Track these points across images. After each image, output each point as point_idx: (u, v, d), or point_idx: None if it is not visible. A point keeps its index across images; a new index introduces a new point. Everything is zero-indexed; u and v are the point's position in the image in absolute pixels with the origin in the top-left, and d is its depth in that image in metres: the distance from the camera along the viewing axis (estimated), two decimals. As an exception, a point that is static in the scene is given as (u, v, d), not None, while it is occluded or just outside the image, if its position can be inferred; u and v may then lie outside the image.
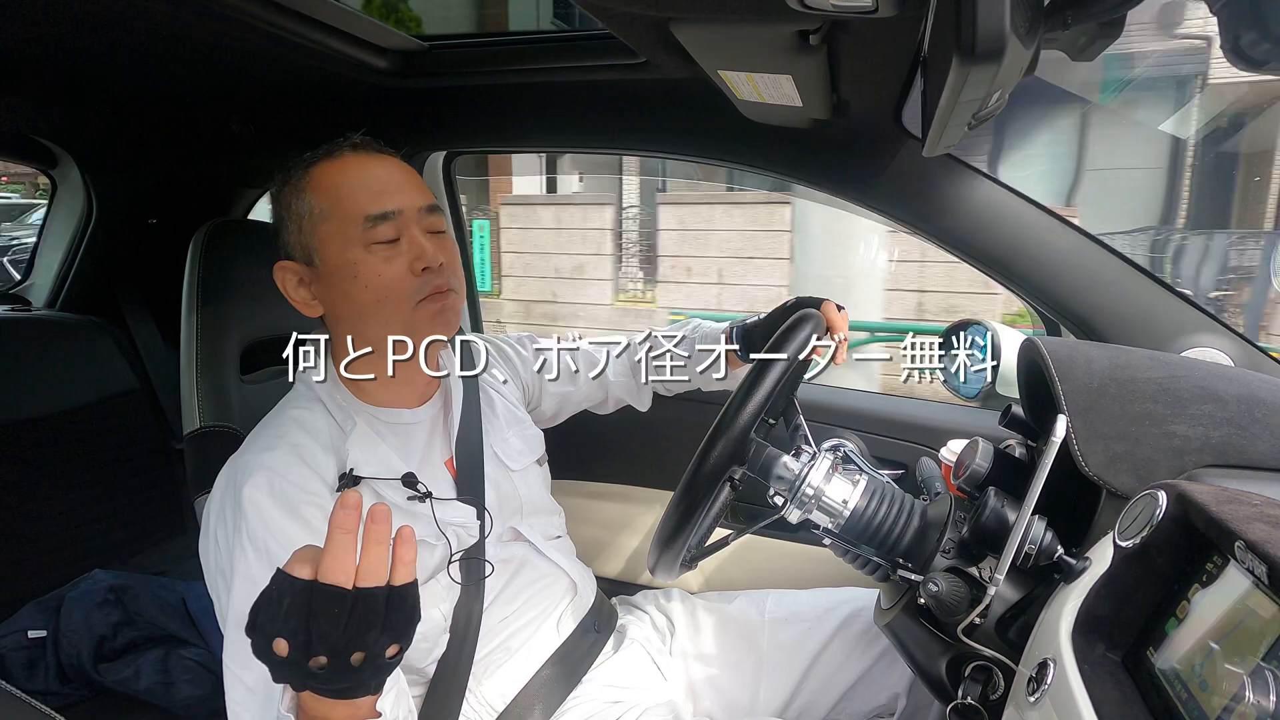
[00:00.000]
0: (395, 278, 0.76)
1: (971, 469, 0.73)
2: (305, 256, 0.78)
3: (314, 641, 0.48)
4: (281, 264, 0.79)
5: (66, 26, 0.89)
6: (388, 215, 0.76)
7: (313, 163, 0.78)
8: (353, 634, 0.49)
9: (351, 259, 0.75)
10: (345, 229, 0.75)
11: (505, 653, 0.85)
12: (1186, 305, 0.95)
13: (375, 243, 0.75)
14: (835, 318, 0.87)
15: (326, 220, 0.76)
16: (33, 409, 1.35)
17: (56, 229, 1.59)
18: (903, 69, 0.79)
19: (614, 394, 1.07)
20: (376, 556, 0.50)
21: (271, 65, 1.04)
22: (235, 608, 0.67)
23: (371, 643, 0.50)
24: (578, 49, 1.06)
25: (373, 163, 0.79)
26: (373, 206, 0.75)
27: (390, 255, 0.76)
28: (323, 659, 0.49)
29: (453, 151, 1.39)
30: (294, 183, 0.78)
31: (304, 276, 0.78)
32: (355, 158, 0.78)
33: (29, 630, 1.18)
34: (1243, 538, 0.45)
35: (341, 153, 0.78)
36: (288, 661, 0.49)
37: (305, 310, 0.80)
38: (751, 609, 1.00)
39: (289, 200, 0.78)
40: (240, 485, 0.70)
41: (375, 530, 0.50)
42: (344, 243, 0.75)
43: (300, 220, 0.77)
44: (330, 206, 0.76)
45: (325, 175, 0.77)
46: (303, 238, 0.77)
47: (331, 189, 0.76)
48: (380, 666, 0.51)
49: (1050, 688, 0.52)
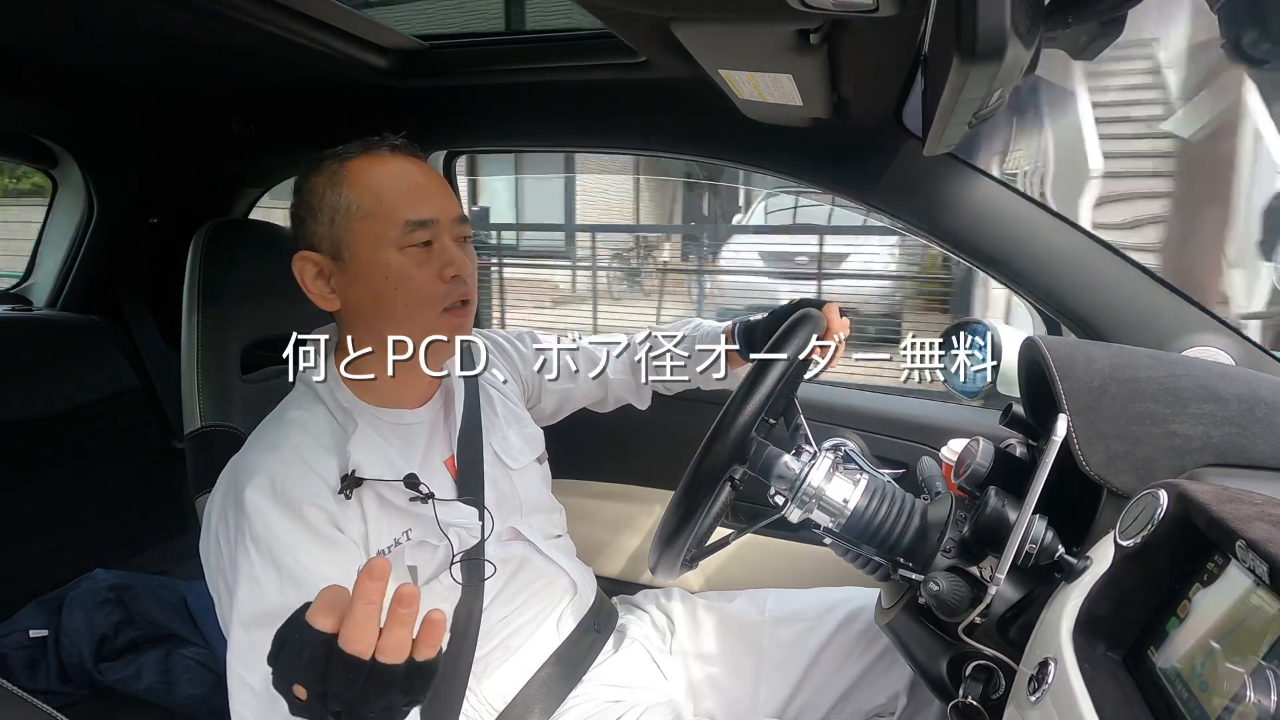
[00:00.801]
0: (425, 283, 0.77)
1: (972, 468, 0.73)
2: (333, 250, 0.77)
3: (330, 697, 0.48)
4: (303, 254, 0.79)
5: (67, 26, 0.89)
6: (427, 223, 0.77)
7: (349, 156, 0.78)
8: (367, 697, 0.49)
9: (385, 259, 0.75)
10: (383, 229, 0.75)
11: (505, 652, 0.85)
12: (1188, 304, 0.95)
13: (411, 246, 0.76)
14: (835, 319, 0.87)
15: (365, 218, 0.76)
16: (34, 409, 1.35)
17: (57, 228, 1.59)
18: (903, 68, 0.79)
19: (614, 392, 1.07)
20: (400, 637, 0.48)
21: (272, 65, 1.04)
22: (239, 610, 0.67)
23: (386, 702, 0.50)
24: (578, 48, 1.06)
25: (413, 167, 0.79)
26: (414, 212, 0.76)
27: (423, 260, 0.77)
28: (339, 709, 0.49)
29: (453, 151, 1.39)
30: (328, 174, 0.77)
31: (325, 269, 0.78)
32: (395, 159, 0.79)
33: (30, 629, 1.18)
34: (1244, 537, 0.45)
35: (381, 151, 0.79)
36: (306, 706, 0.50)
37: (321, 303, 0.80)
38: (752, 608, 1.00)
39: (321, 191, 0.77)
40: (242, 487, 0.70)
41: (401, 614, 0.48)
42: (379, 242, 0.76)
43: (334, 213, 0.76)
44: (370, 205, 0.76)
45: (365, 172, 0.77)
46: (335, 231, 0.77)
47: (372, 187, 0.76)
48: (396, 714, 0.51)
49: (1051, 687, 0.52)
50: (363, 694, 0.48)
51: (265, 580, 0.67)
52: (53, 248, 1.60)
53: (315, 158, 0.79)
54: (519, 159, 6.86)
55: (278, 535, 0.68)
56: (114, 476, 1.44)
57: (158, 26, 0.88)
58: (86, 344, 1.47)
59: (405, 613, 0.48)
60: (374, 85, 1.12)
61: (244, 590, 0.67)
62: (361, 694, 0.48)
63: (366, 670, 0.48)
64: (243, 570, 0.68)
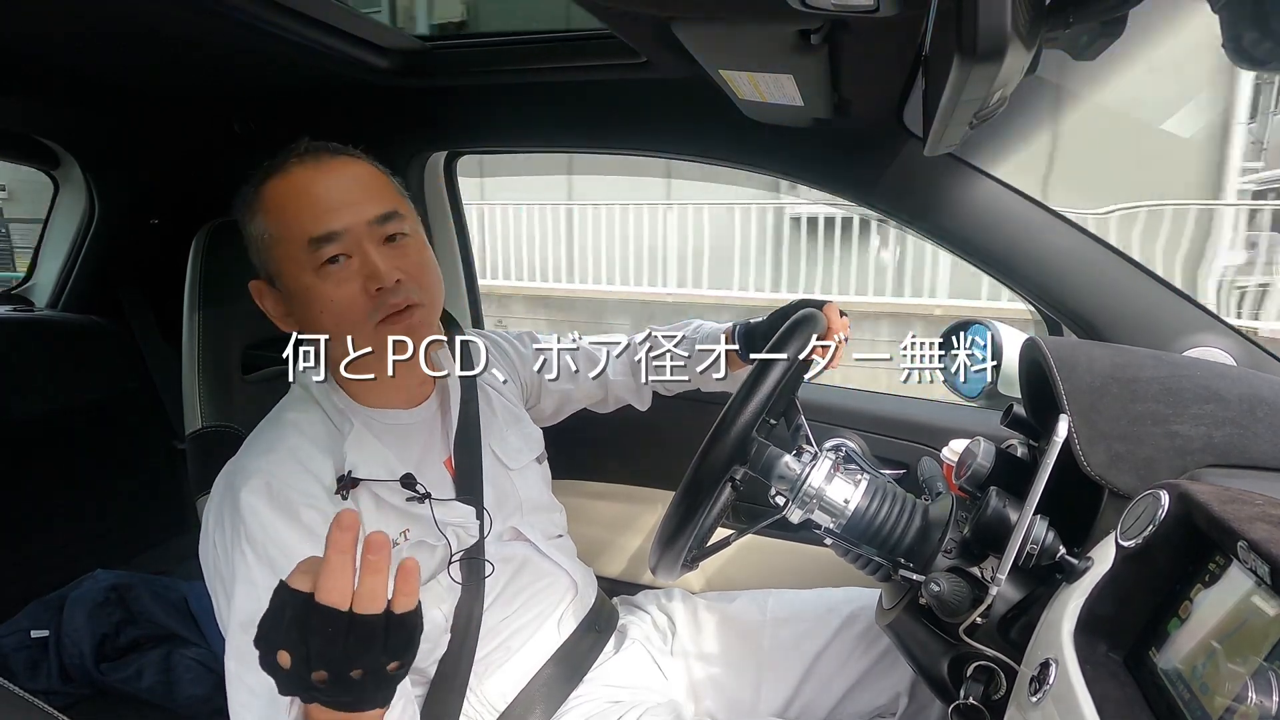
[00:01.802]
0: (348, 302, 0.72)
1: (973, 469, 0.73)
2: (269, 278, 0.77)
3: (313, 656, 0.48)
4: (255, 282, 0.78)
5: (69, 26, 0.89)
6: (332, 236, 0.72)
7: (264, 179, 0.75)
8: (351, 653, 0.49)
9: (305, 284, 0.72)
10: (294, 253, 0.72)
11: (506, 652, 0.85)
12: (1189, 305, 0.95)
13: (323, 264, 0.72)
14: (836, 320, 0.87)
15: (277, 244, 0.73)
16: (35, 409, 1.35)
17: (58, 229, 1.59)
18: (904, 68, 0.79)
19: (614, 393, 1.07)
20: (373, 585, 0.49)
21: (273, 65, 1.04)
22: (237, 612, 0.67)
23: (370, 661, 0.50)
24: (578, 49, 1.06)
25: (319, 175, 0.74)
26: (315, 228, 0.71)
27: (342, 277, 0.72)
28: (323, 673, 0.49)
29: (454, 151, 1.39)
30: (249, 203, 0.75)
31: (273, 294, 0.78)
32: (302, 172, 0.74)
33: (32, 629, 1.18)
34: (1245, 538, 0.45)
35: (289, 167, 0.74)
36: (291, 674, 0.49)
37: (281, 325, 0.79)
38: (753, 609, 1.00)
39: (245, 221, 0.76)
40: (238, 490, 0.70)
41: (371, 560, 0.49)
42: (296, 267, 0.73)
43: (255, 243, 0.75)
44: (278, 230, 0.73)
45: (273, 194, 0.74)
46: (261, 259, 0.76)
47: (278, 210, 0.73)
48: (383, 681, 0.51)
49: (1052, 688, 0.51)
50: (345, 651, 0.48)
51: (262, 582, 0.67)
52: (54, 248, 1.60)
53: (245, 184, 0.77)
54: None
55: (274, 537, 0.68)
56: (115, 477, 1.44)
57: (159, 26, 0.88)
58: (87, 344, 1.47)
59: (376, 559, 0.48)
60: (375, 85, 1.13)
61: (241, 592, 0.67)
62: (345, 651, 0.48)
63: (345, 622, 0.48)
64: (240, 573, 0.68)
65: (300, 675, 0.49)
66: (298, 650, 0.48)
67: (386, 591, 0.50)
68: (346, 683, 0.49)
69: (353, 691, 0.50)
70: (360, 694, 0.51)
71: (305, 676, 0.49)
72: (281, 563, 0.67)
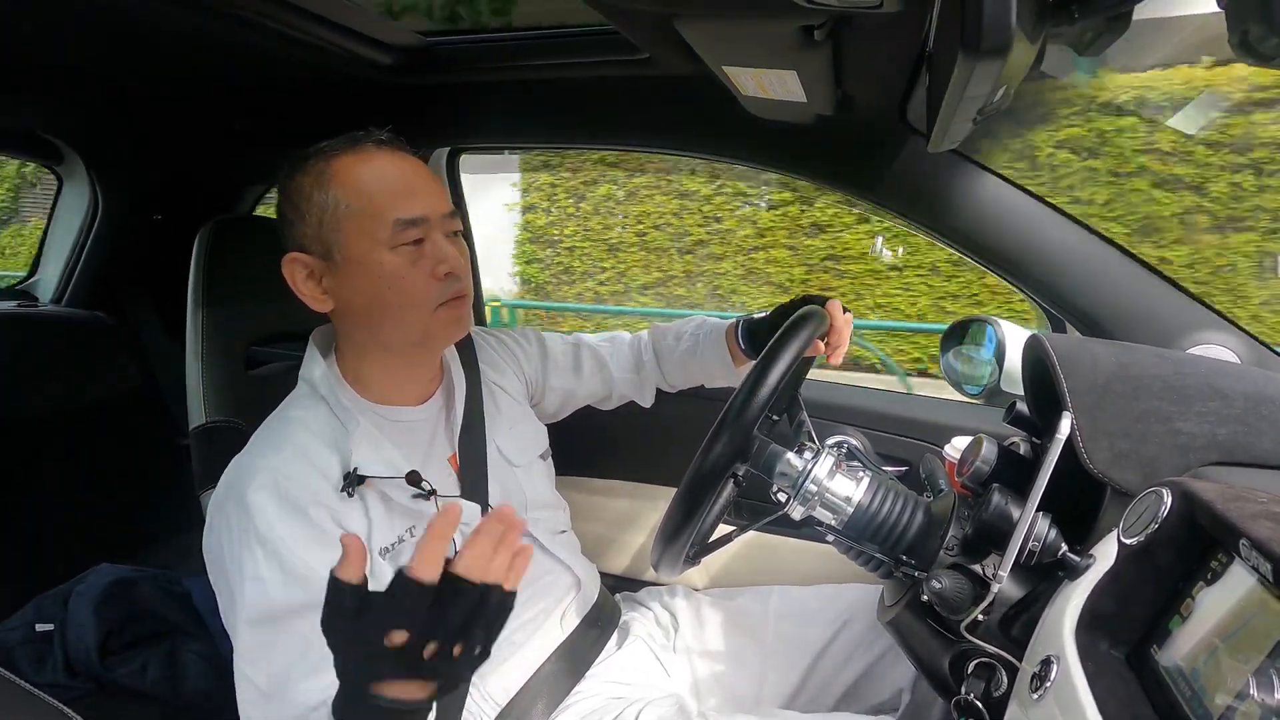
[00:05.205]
0: (419, 282, 0.76)
1: (976, 466, 0.73)
2: (323, 250, 0.76)
3: (436, 628, 0.50)
4: (292, 256, 0.77)
5: (72, 24, 0.89)
6: (418, 221, 0.75)
7: (334, 154, 0.76)
8: (467, 624, 0.51)
9: (377, 259, 0.74)
10: (373, 228, 0.74)
11: (509, 647, 0.85)
12: (1193, 302, 0.95)
13: (402, 244, 0.75)
14: (838, 315, 0.87)
15: (354, 217, 0.74)
16: (39, 405, 1.36)
17: (62, 225, 1.60)
18: (908, 64, 0.79)
19: (617, 390, 1.07)
20: (504, 561, 0.53)
21: (275, 62, 1.04)
22: (245, 609, 0.67)
23: (473, 636, 0.52)
24: (581, 45, 1.05)
25: (400, 162, 0.77)
26: (405, 210, 0.74)
27: (415, 258, 0.75)
28: (433, 646, 0.50)
29: (456, 148, 1.39)
30: (314, 174, 0.75)
31: (315, 270, 0.77)
32: (381, 155, 0.77)
33: (37, 624, 1.19)
34: (1248, 535, 0.45)
35: (366, 147, 0.77)
36: (391, 655, 0.50)
37: (314, 304, 0.78)
38: (755, 605, 1.00)
39: (308, 191, 0.75)
40: (245, 487, 0.70)
41: (510, 538, 0.53)
42: (370, 242, 0.74)
43: (322, 214, 0.75)
44: (358, 204, 0.74)
45: (352, 170, 0.75)
46: (323, 231, 0.75)
47: (360, 185, 0.74)
48: (470, 662, 0.53)
49: (1054, 685, 0.51)
50: (466, 619, 0.51)
51: (270, 579, 0.67)
52: (57, 245, 1.61)
53: (299, 156, 0.77)
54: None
55: (281, 534, 0.68)
56: (119, 472, 1.45)
57: (162, 24, 0.88)
58: (91, 340, 1.48)
59: (514, 536, 0.53)
60: (377, 81, 1.13)
61: (249, 590, 0.67)
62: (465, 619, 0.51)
63: (478, 594, 0.51)
64: (247, 570, 0.68)
65: (408, 656, 0.50)
66: (419, 626, 0.50)
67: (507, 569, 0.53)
68: (448, 658, 0.51)
69: (449, 666, 0.51)
70: (452, 671, 0.52)
71: (416, 652, 0.50)
72: (289, 559, 0.67)
